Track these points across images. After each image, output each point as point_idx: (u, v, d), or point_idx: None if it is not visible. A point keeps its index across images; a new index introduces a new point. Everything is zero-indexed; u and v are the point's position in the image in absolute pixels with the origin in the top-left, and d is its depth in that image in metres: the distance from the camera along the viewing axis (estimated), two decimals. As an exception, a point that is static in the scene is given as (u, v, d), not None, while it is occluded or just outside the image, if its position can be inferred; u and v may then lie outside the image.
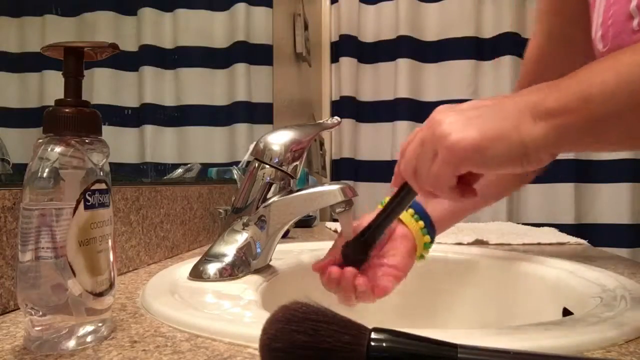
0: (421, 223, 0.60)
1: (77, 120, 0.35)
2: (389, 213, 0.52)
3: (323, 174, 1.73)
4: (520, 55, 1.76)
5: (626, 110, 0.34)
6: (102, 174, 0.36)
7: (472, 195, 0.42)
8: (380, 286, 0.55)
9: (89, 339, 0.35)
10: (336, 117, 0.62)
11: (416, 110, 1.85)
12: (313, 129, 0.61)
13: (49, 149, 0.34)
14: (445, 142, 0.38)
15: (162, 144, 0.87)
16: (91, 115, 0.36)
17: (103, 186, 0.36)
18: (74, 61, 0.36)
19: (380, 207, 0.54)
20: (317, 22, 1.96)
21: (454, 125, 0.38)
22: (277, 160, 0.56)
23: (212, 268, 0.54)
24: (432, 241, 0.62)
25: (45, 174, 0.34)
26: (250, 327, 0.35)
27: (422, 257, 0.62)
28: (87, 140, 0.35)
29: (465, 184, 0.42)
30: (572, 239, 0.93)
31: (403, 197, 0.49)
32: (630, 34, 0.46)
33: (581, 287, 0.53)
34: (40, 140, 0.34)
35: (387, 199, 0.53)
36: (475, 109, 0.39)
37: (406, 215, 0.60)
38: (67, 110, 0.35)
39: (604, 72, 0.35)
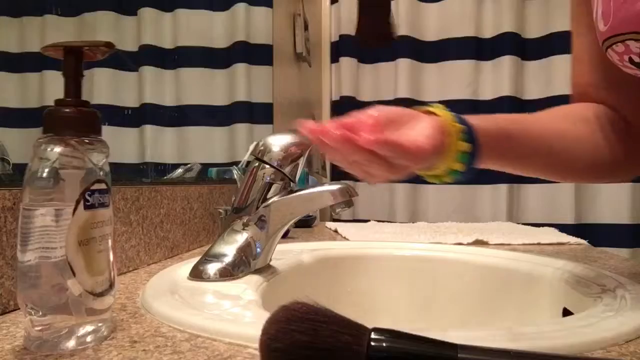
0: (460, 126, 0.47)
1: (77, 120, 0.35)
2: None
3: (323, 174, 1.73)
4: (520, 55, 1.77)
5: None
6: (102, 174, 0.36)
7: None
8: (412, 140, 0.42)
9: (89, 339, 0.35)
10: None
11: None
12: None
13: (49, 149, 0.34)
14: None
15: (162, 144, 0.87)
16: (91, 115, 0.36)
17: (103, 186, 0.36)
18: (73, 61, 0.36)
19: None
20: (317, 22, 1.96)
21: None
22: (276, 163, 0.56)
23: (212, 268, 0.54)
24: (471, 158, 0.47)
25: (45, 174, 0.34)
26: (250, 327, 0.35)
27: (452, 173, 0.47)
28: (87, 140, 0.35)
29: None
30: (572, 239, 0.93)
31: None
32: (633, 3, 0.45)
33: (581, 287, 0.53)
34: (40, 140, 0.34)
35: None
36: None
37: (443, 112, 0.48)
38: (67, 110, 0.35)
39: None
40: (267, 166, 0.56)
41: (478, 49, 1.81)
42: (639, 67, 0.52)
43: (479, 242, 0.87)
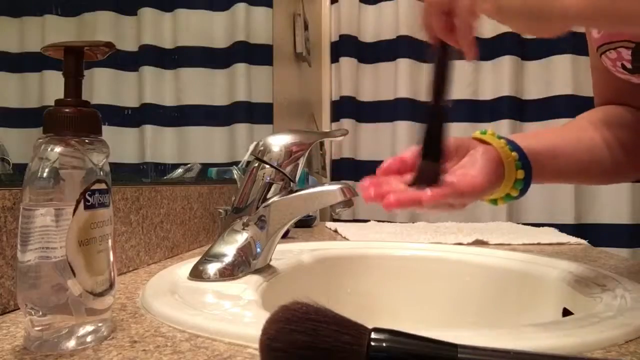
0: (514, 154, 0.49)
1: (77, 120, 0.35)
2: (439, 83, 0.43)
3: (323, 174, 1.73)
4: (520, 55, 1.77)
5: None
6: (102, 174, 0.36)
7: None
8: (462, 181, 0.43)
9: (89, 339, 0.35)
10: (344, 129, 0.62)
11: (416, 110, 1.85)
12: (317, 136, 0.62)
13: (49, 149, 0.34)
14: None
15: (162, 144, 0.87)
16: (91, 115, 0.36)
17: (103, 186, 0.36)
18: (73, 61, 0.36)
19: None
20: (317, 22, 1.96)
21: None
22: (276, 163, 0.56)
23: (212, 268, 0.54)
24: (526, 183, 0.50)
25: (45, 174, 0.34)
26: (250, 327, 0.35)
27: (508, 197, 0.51)
28: (87, 140, 0.35)
29: None
30: (572, 239, 0.93)
31: (443, 57, 0.43)
32: None
33: (581, 287, 0.53)
34: (40, 140, 0.34)
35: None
36: None
37: (496, 141, 0.50)
38: (67, 110, 0.35)
39: None
40: (267, 166, 0.56)
41: (478, 48, 1.81)
42: (630, 73, 0.53)
43: (479, 242, 0.87)
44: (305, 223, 1.12)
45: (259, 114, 1.24)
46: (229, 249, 0.56)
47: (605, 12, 0.36)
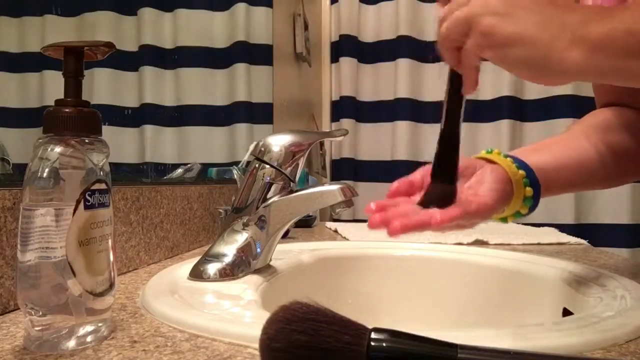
0: (522, 172, 0.50)
1: (77, 120, 0.35)
2: (452, 108, 0.44)
3: (323, 174, 1.73)
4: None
5: None
6: (102, 174, 0.36)
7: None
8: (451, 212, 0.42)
9: (89, 339, 0.35)
10: (345, 129, 0.62)
11: (416, 110, 1.85)
12: (317, 136, 0.62)
13: (49, 149, 0.34)
14: (479, 25, 0.38)
15: (162, 144, 0.87)
16: (91, 115, 0.36)
17: (103, 186, 0.36)
18: (74, 61, 0.36)
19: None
20: (317, 22, 1.96)
21: (494, 12, 0.38)
22: (276, 163, 0.56)
23: (212, 268, 0.54)
24: (535, 200, 0.51)
25: (45, 174, 0.34)
26: (250, 327, 0.35)
27: (518, 214, 0.52)
28: (87, 140, 0.35)
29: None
30: (572, 239, 0.93)
31: (456, 84, 0.43)
32: None
33: (581, 287, 0.53)
34: (40, 140, 0.34)
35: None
36: (518, 6, 0.38)
37: (502, 160, 0.51)
38: (67, 110, 0.35)
39: None
40: (267, 166, 0.56)
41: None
42: None
43: (479, 242, 0.87)
44: (305, 223, 1.12)
45: (259, 114, 1.24)
46: (229, 249, 0.56)
47: (611, 70, 0.37)
